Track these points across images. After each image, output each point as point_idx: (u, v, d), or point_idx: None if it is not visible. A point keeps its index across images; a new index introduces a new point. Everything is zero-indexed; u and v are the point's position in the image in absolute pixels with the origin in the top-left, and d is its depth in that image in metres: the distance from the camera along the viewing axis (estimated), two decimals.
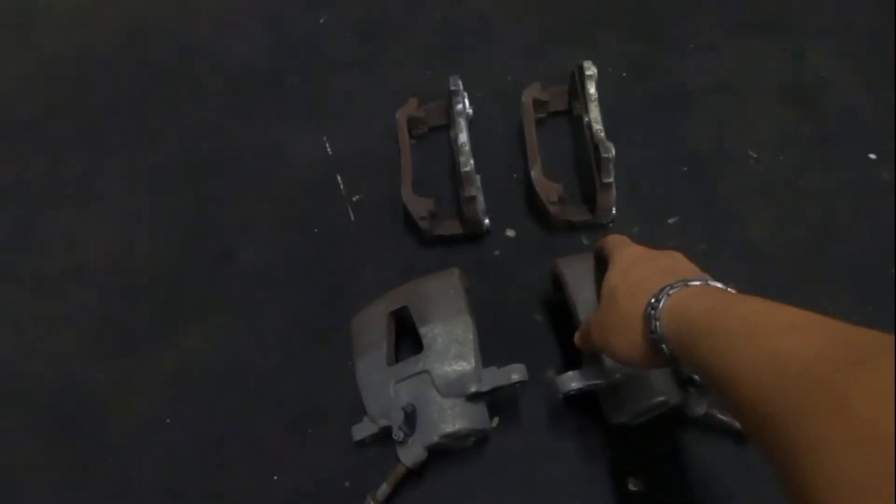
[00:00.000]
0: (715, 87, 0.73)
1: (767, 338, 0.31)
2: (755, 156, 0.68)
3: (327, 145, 0.74)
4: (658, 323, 0.37)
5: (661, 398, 0.48)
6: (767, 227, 0.64)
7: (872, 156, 0.67)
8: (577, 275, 0.54)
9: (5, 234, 0.73)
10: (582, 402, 0.55)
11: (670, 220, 0.66)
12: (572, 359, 0.59)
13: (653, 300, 0.38)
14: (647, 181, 0.68)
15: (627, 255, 0.45)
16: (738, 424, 0.51)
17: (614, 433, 0.55)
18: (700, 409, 0.49)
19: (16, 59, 0.88)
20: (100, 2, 0.92)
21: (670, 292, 0.38)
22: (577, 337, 0.50)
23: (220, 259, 0.68)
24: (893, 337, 0.25)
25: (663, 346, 0.38)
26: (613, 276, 0.44)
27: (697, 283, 0.38)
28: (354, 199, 0.70)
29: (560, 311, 0.60)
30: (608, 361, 0.49)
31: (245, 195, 0.72)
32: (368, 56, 0.81)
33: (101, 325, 0.65)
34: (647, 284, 0.40)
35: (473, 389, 0.50)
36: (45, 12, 0.92)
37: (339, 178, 0.72)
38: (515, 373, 0.50)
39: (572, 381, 0.49)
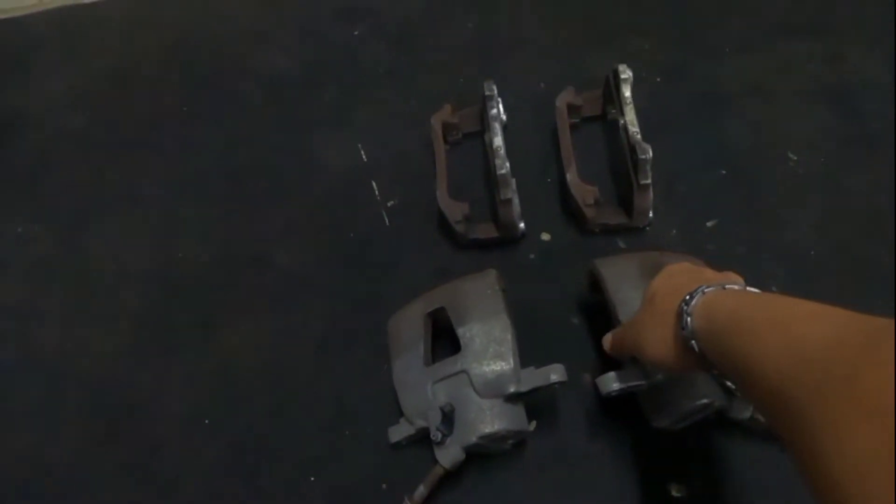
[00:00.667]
0: (752, 90, 0.73)
1: (787, 326, 0.32)
2: (795, 157, 0.67)
3: (362, 152, 0.75)
4: (689, 318, 0.38)
5: (705, 400, 0.47)
6: (809, 229, 0.63)
7: None
8: (615, 274, 0.53)
9: (57, 237, 0.76)
10: (621, 405, 0.54)
11: (708, 224, 0.65)
12: (609, 362, 0.58)
13: (687, 297, 0.40)
14: (684, 184, 0.68)
15: (676, 265, 0.47)
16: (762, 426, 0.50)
17: (655, 437, 0.54)
18: (745, 412, 0.48)
19: (68, 75, 0.91)
20: (145, 20, 0.96)
21: (705, 290, 0.39)
22: (608, 340, 0.50)
23: (258, 263, 0.69)
24: None
25: (693, 342, 0.38)
26: (657, 281, 0.45)
27: (735, 287, 0.39)
28: (389, 204, 0.71)
29: (597, 314, 0.59)
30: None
31: (282, 201, 0.73)
32: (402, 65, 0.82)
33: (144, 325, 0.67)
34: (686, 288, 0.41)
35: (512, 390, 0.50)
36: (94, 31, 0.96)
37: (374, 184, 0.73)
38: (555, 373, 0.50)
39: (613, 382, 0.48)
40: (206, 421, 0.61)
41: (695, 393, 0.47)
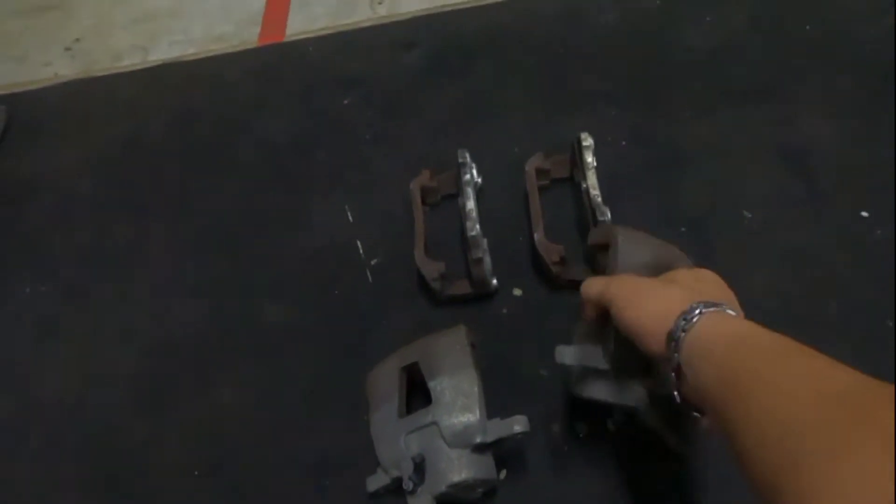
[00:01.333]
0: (710, 151, 0.78)
1: (802, 360, 0.33)
2: (749, 215, 0.72)
3: (349, 213, 0.81)
4: (697, 317, 0.39)
5: (631, 405, 0.50)
6: (764, 284, 0.67)
7: (865, 213, 0.70)
8: (630, 250, 0.53)
9: (62, 297, 0.81)
10: (591, 455, 0.57)
11: None
12: (578, 412, 0.62)
13: (699, 306, 0.40)
14: None
15: (712, 274, 0.49)
16: (673, 441, 0.52)
17: (625, 482, 0.57)
18: (682, 448, 0.51)
19: (78, 143, 0.98)
20: (151, 91, 1.03)
21: (722, 306, 0.40)
22: (589, 282, 0.50)
23: (250, 319, 0.74)
24: None
25: (681, 333, 0.39)
26: (686, 273, 0.48)
27: (732, 312, 0.41)
28: (373, 262, 0.76)
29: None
30: (605, 350, 0.50)
31: (274, 260, 0.78)
32: (388, 131, 0.89)
33: (140, 381, 0.71)
34: (695, 297, 0.42)
35: (479, 440, 0.54)
36: (104, 102, 1.04)
37: (358, 243, 0.78)
38: (518, 424, 0.53)
39: (569, 356, 0.51)
40: (196, 472, 0.64)
41: (630, 396, 0.50)
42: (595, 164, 0.69)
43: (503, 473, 0.59)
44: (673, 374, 0.41)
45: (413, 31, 1.02)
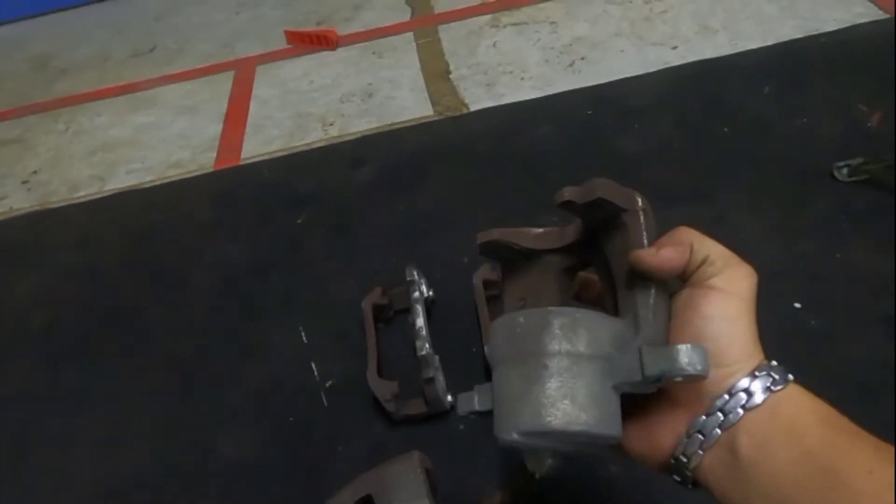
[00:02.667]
0: None
1: None
2: None
3: (303, 334, 0.81)
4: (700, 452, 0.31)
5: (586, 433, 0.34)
6: None
7: (797, 305, 0.73)
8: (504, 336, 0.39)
9: (5, 443, 0.77)
10: None
11: None
12: None
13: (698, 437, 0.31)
14: None
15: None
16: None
17: None
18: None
19: (32, 275, 0.98)
20: (106, 219, 1.05)
21: (789, 378, 0.31)
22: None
23: (203, 455, 0.71)
24: None
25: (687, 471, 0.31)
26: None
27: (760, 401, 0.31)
28: (327, 384, 0.75)
29: (525, 486, 0.62)
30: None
31: (227, 388, 0.77)
32: (340, 249, 0.91)
33: None
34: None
35: None
36: (59, 233, 1.05)
37: (313, 365, 0.77)
38: None
39: (473, 403, 0.39)
40: None
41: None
42: None
43: None
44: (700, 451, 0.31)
45: (363, 149, 1.07)
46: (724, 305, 0.34)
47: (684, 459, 0.32)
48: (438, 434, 0.69)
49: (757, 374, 0.32)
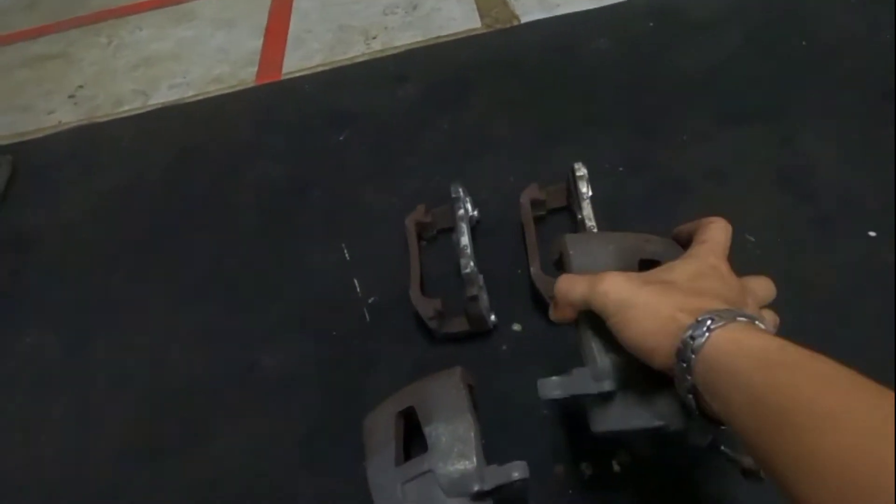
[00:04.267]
0: (709, 176, 0.77)
1: (860, 382, 0.29)
2: (752, 239, 0.70)
3: (346, 252, 0.80)
4: (707, 335, 0.35)
5: (660, 423, 0.43)
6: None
7: (872, 233, 0.67)
8: (584, 254, 0.48)
9: (63, 347, 0.80)
10: (596, 498, 0.55)
11: None
12: (582, 452, 0.60)
13: (711, 316, 0.36)
14: None
15: (712, 264, 0.43)
16: (745, 464, 0.44)
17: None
18: (703, 440, 0.45)
19: (80, 190, 0.99)
20: (151, 136, 1.05)
21: (740, 318, 0.36)
22: (569, 283, 0.44)
23: (246, 367, 0.73)
24: None
25: (692, 356, 0.35)
26: (681, 268, 0.42)
27: (744, 319, 0.36)
28: (370, 301, 0.75)
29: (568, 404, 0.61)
30: (604, 368, 0.44)
31: (270, 304, 0.78)
32: (382, 167, 0.88)
33: (136, 433, 0.70)
34: (712, 299, 0.38)
35: (477, 488, 0.52)
36: (105, 148, 1.05)
37: (356, 282, 0.77)
38: (516, 470, 0.51)
39: (555, 389, 0.44)
40: None
41: (650, 413, 0.43)
42: (590, 193, 0.68)
43: None
44: (690, 395, 0.37)
45: (406, 65, 1.03)
46: (621, 332, 0.41)
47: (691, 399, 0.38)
48: (480, 353, 0.68)
49: (694, 332, 0.36)
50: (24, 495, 0.68)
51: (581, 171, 0.68)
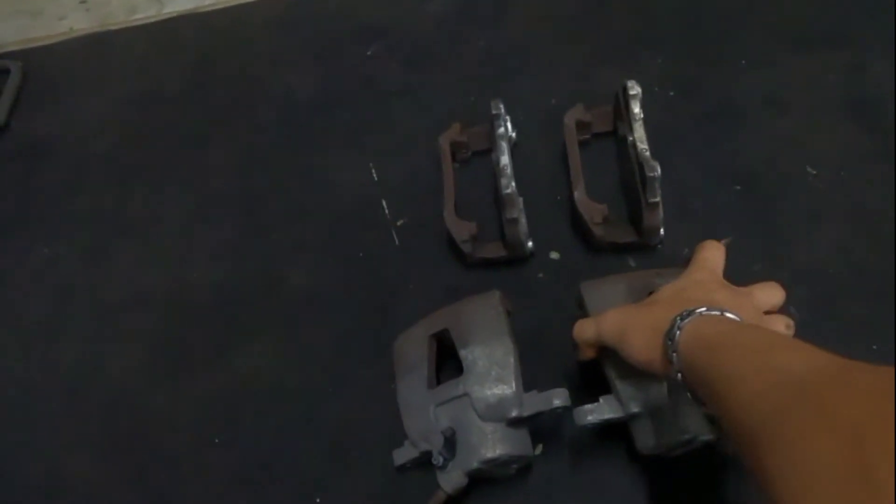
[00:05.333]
0: (769, 103, 0.71)
1: (766, 353, 0.34)
2: (814, 172, 0.65)
3: (373, 171, 0.76)
4: (678, 332, 0.41)
5: (688, 436, 0.47)
6: (828, 247, 0.61)
7: None
8: (599, 299, 0.54)
9: (81, 258, 0.78)
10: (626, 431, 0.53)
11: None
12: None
13: (683, 313, 0.42)
14: (697, 201, 0.66)
15: (697, 277, 0.50)
16: None
17: (667, 464, 0.52)
18: (732, 448, 0.47)
19: (94, 100, 0.95)
20: (167, 44, 0.99)
21: (701, 312, 0.41)
22: (580, 327, 0.51)
23: (270, 283, 0.70)
24: (893, 370, 0.26)
25: (674, 355, 0.41)
26: (669, 288, 0.49)
27: (730, 315, 0.42)
28: (399, 223, 0.71)
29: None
30: (626, 393, 0.49)
31: (295, 222, 0.74)
32: (414, 84, 0.83)
33: (158, 346, 0.68)
34: (689, 304, 0.43)
35: (514, 414, 0.50)
36: (120, 57, 0.99)
37: (384, 203, 0.73)
38: (557, 397, 0.49)
39: (588, 415, 0.49)
40: (216, 440, 0.62)
41: (678, 427, 0.47)
42: (643, 115, 0.63)
43: (539, 448, 0.55)
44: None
45: None
46: (623, 352, 0.47)
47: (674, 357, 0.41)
48: (516, 280, 0.65)
49: (670, 334, 0.42)
50: (44, 403, 0.68)
51: (634, 89, 0.63)
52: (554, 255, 0.66)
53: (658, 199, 0.58)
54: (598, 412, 0.49)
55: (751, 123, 0.70)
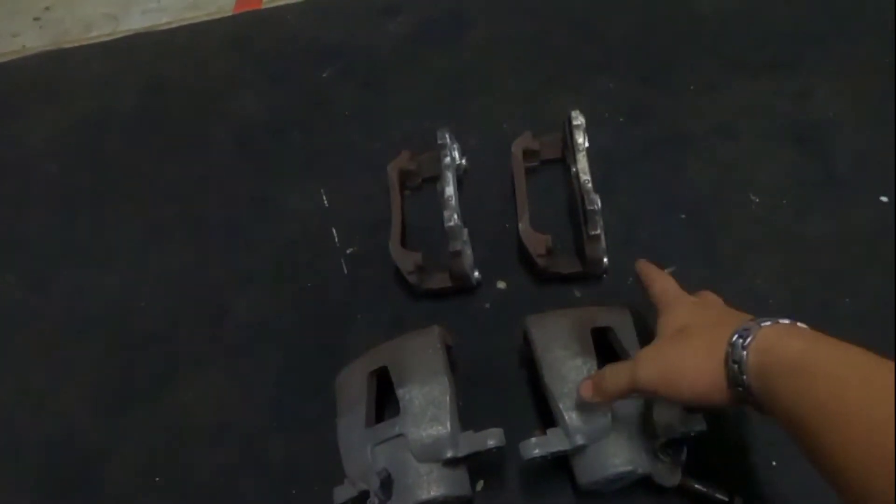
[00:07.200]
0: (715, 130, 0.71)
1: (867, 384, 0.31)
2: (757, 200, 0.66)
3: (324, 198, 0.75)
4: (745, 353, 0.37)
5: (629, 467, 0.47)
6: (772, 276, 0.61)
7: (884, 198, 0.63)
8: (544, 334, 0.54)
9: (27, 286, 0.76)
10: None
11: (668, 270, 0.63)
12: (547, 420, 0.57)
13: (742, 330, 0.38)
14: (643, 229, 0.66)
15: (689, 302, 0.48)
16: (718, 495, 0.48)
17: (604, 498, 0.52)
18: (673, 478, 0.47)
19: (46, 120, 0.93)
20: (121, 65, 0.97)
21: (762, 324, 0.38)
22: (614, 378, 0.45)
23: (216, 314, 0.69)
24: None
25: (744, 378, 0.37)
26: (682, 313, 0.45)
27: (786, 321, 0.38)
28: (348, 251, 0.71)
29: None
30: (573, 425, 0.48)
31: (243, 249, 0.73)
32: (369, 108, 0.82)
33: (100, 378, 0.67)
34: (728, 321, 0.40)
35: (449, 455, 0.49)
36: (72, 77, 0.98)
37: (334, 231, 0.72)
38: (492, 438, 0.49)
39: (535, 448, 0.48)
40: (157, 479, 0.60)
41: (616, 459, 0.47)
42: (587, 145, 0.63)
43: (480, 484, 0.55)
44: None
45: None
46: (676, 394, 0.42)
47: (743, 380, 0.37)
48: (462, 310, 0.64)
49: (743, 330, 0.38)
50: None
51: (578, 119, 0.63)
52: (501, 285, 0.66)
53: (599, 231, 0.58)
54: (544, 445, 0.49)
55: (697, 149, 0.70)
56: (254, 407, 0.63)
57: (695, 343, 0.41)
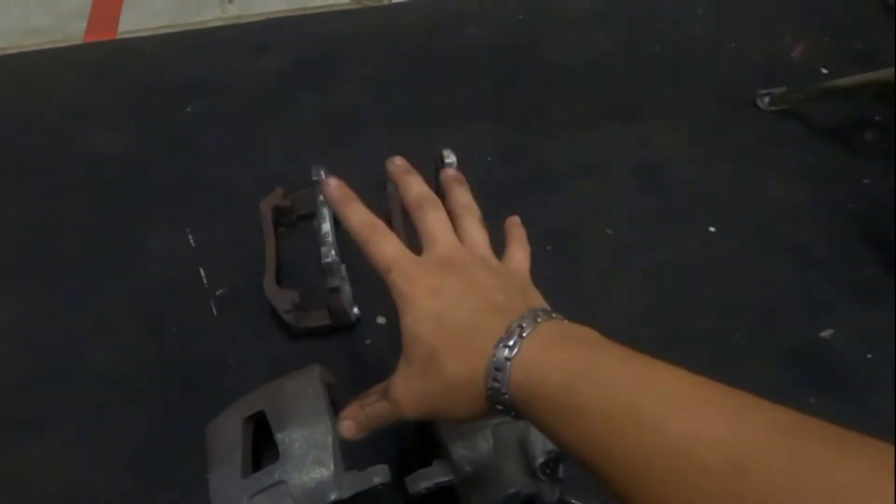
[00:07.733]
0: (575, 170, 0.78)
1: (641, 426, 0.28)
2: (611, 232, 0.72)
3: (190, 237, 0.71)
4: (507, 396, 0.33)
5: (512, 490, 0.48)
6: (626, 296, 0.67)
7: (712, 229, 0.72)
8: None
9: None
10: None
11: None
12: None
13: (494, 368, 0.33)
14: None
15: (423, 288, 0.39)
16: None
17: None
18: (552, 496, 0.49)
19: None
20: None
21: (511, 351, 0.33)
22: (356, 424, 0.43)
23: (67, 367, 0.62)
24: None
25: (505, 396, 0.34)
26: (417, 325, 0.38)
27: (540, 319, 0.34)
28: (218, 293, 0.67)
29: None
30: (458, 454, 0.49)
31: (101, 294, 0.67)
32: (237, 145, 0.80)
33: None
34: (476, 336, 0.35)
35: (334, 497, 0.48)
36: None
37: (202, 271, 0.69)
38: (377, 475, 0.48)
39: (422, 481, 0.48)
40: None
41: (503, 482, 0.48)
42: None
43: None
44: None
45: (268, 34, 0.94)
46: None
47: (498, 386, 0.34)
48: (342, 348, 0.64)
49: (497, 355, 0.34)
50: None
51: (450, 157, 0.66)
52: (381, 320, 0.66)
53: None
54: (430, 477, 0.49)
55: (560, 188, 0.76)
56: (113, 471, 0.57)
57: (446, 377, 0.36)
